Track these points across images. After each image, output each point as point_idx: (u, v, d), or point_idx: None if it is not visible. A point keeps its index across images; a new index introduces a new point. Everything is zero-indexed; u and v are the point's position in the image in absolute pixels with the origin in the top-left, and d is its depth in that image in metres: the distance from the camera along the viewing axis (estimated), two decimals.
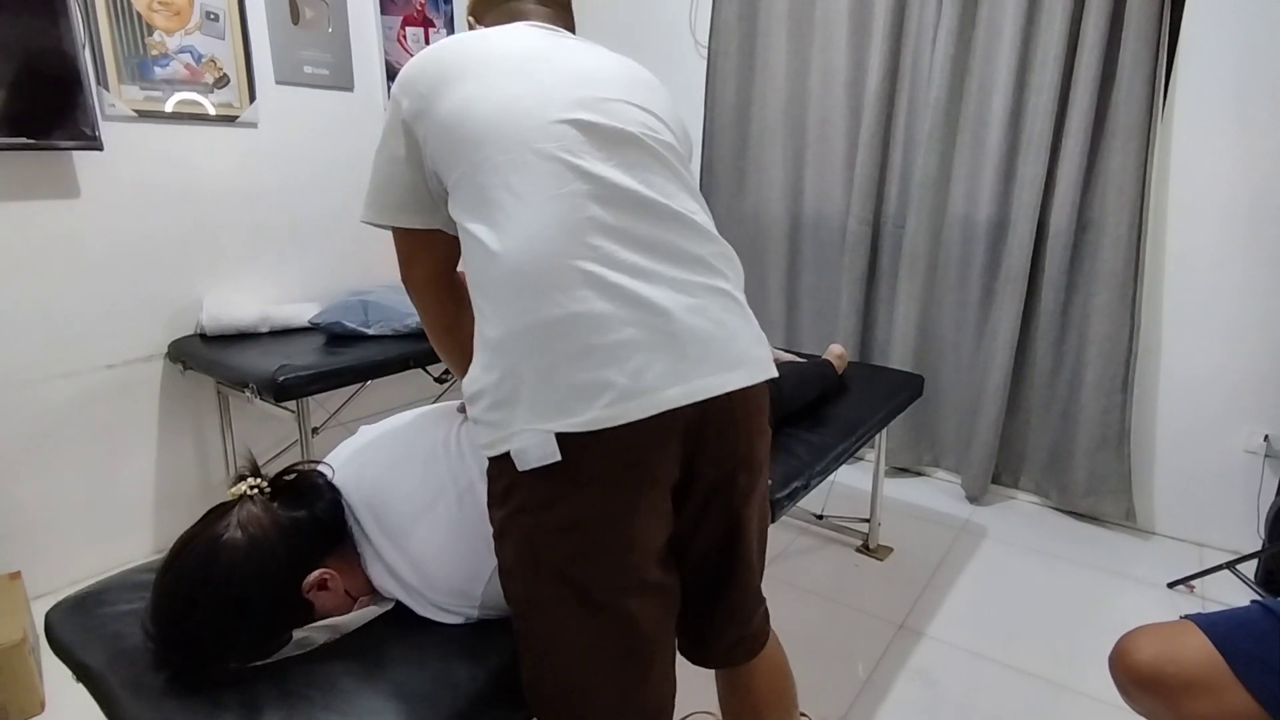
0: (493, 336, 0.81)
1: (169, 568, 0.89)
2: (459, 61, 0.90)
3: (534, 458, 0.77)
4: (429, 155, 0.90)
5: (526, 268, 0.80)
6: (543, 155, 0.83)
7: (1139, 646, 1.00)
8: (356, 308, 2.22)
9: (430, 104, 0.89)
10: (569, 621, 0.83)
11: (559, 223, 0.81)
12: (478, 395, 0.82)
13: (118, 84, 1.96)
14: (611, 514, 0.82)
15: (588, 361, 0.78)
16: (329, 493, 0.98)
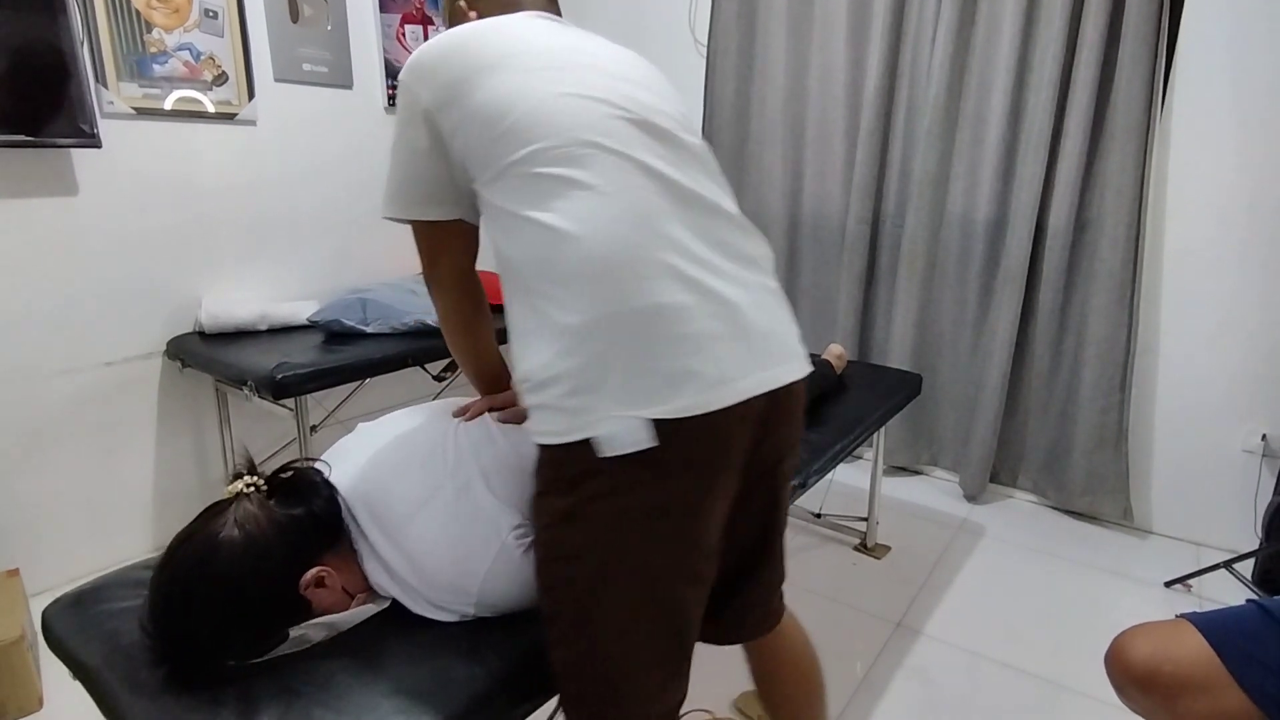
0: (573, 323, 0.80)
1: (166, 565, 0.89)
2: (486, 51, 0.89)
3: (625, 443, 0.78)
4: (459, 145, 0.89)
5: (610, 256, 0.80)
6: (603, 149, 0.84)
7: (1135, 645, 1.00)
8: (355, 306, 2.22)
9: (460, 94, 0.88)
10: (631, 607, 0.84)
11: (635, 214, 0.82)
12: (550, 381, 0.80)
13: (116, 81, 1.96)
14: (693, 500, 0.84)
15: (677, 350, 0.80)
16: (325, 490, 0.98)
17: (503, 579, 0.94)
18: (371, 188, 2.64)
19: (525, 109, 0.85)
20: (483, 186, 0.90)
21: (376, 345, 2.12)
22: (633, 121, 0.87)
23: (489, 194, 0.89)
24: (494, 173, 0.87)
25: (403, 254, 2.77)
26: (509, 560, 0.94)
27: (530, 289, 0.83)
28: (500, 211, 0.87)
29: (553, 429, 0.81)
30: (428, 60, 0.91)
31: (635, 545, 0.83)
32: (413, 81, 0.91)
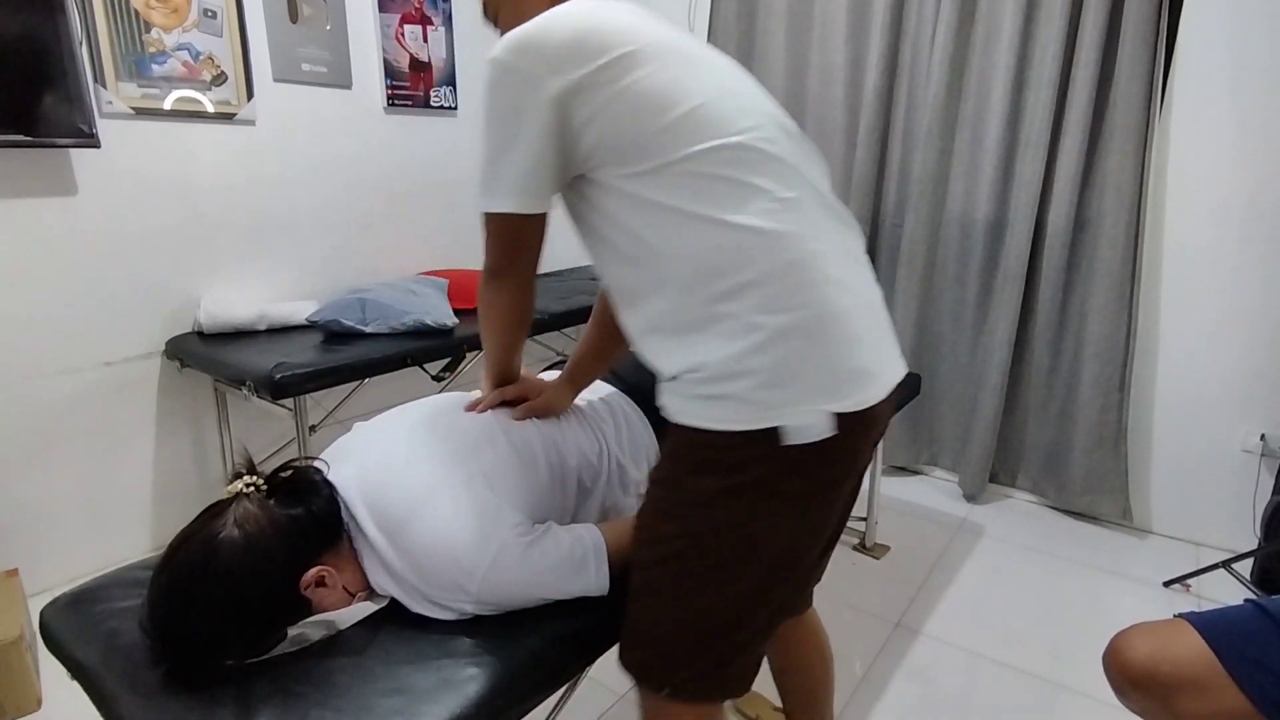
0: (771, 322, 0.84)
1: (166, 566, 0.89)
2: (628, 35, 0.85)
3: (811, 434, 0.84)
4: (595, 132, 0.85)
5: (800, 261, 0.85)
6: (770, 155, 0.88)
7: (1133, 645, 1.00)
8: (354, 305, 2.22)
9: (606, 78, 0.84)
10: (773, 575, 0.92)
11: (808, 220, 0.88)
12: (740, 374, 0.84)
13: (115, 81, 1.96)
14: (841, 483, 0.92)
15: (851, 350, 0.87)
16: (325, 489, 0.98)
17: (503, 577, 0.94)
18: (370, 187, 2.64)
19: (697, 103, 0.86)
20: (626, 178, 0.86)
21: (375, 345, 2.12)
22: (782, 127, 0.92)
23: (636, 186, 0.86)
24: (654, 165, 0.85)
25: (402, 254, 2.77)
26: (509, 558, 0.94)
27: (703, 285, 0.85)
28: (654, 206, 0.85)
29: (737, 417, 0.85)
30: (555, 41, 0.84)
31: (790, 521, 0.90)
32: (532, 64, 0.84)
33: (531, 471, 1.03)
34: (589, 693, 1.63)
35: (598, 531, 1.03)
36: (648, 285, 0.89)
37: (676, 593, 0.92)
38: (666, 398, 0.92)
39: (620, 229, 0.89)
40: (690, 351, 0.87)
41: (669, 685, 0.95)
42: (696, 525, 0.90)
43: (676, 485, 0.92)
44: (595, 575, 1.00)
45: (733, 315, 0.84)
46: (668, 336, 0.89)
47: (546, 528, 0.99)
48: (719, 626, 0.92)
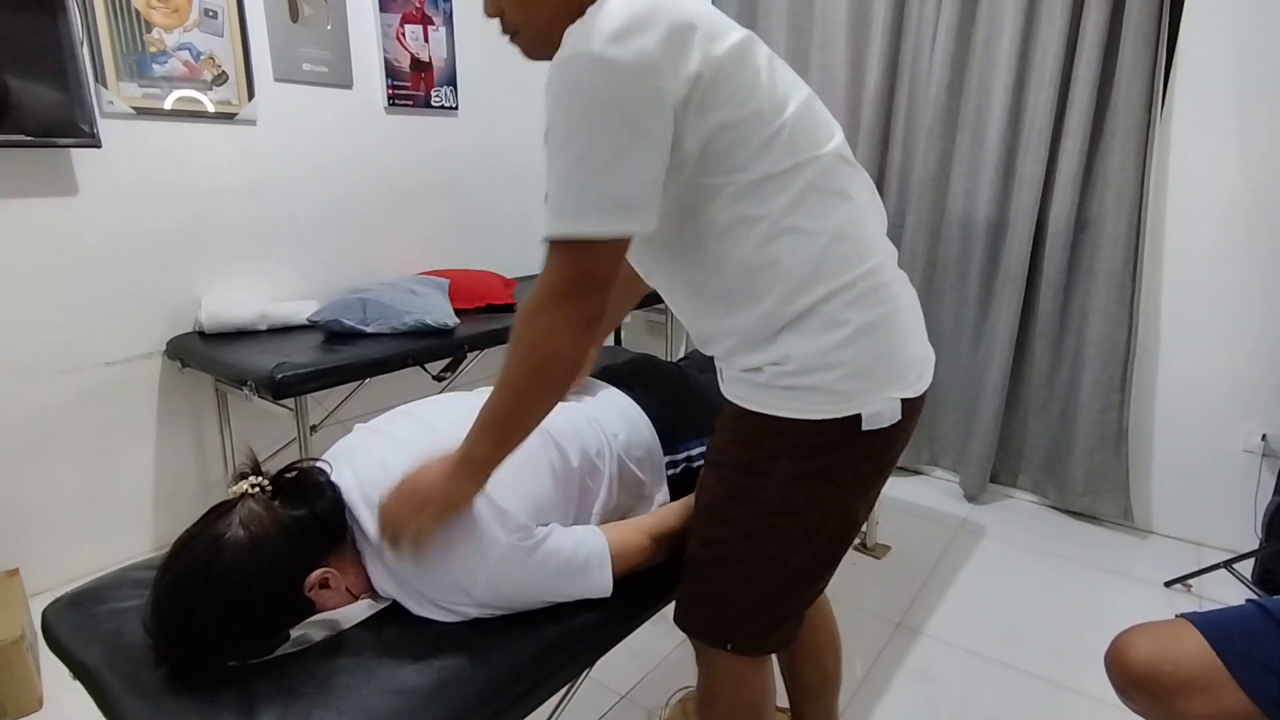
0: (859, 319, 0.90)
1: (170, 566, 0.89)
2: (713, 29, 0.81)
3: (886, 419, 0.93)
4: (704, 136, 0.82)
5: (879, 264, 0.94)
6: (848, 161, 0.95)
7: (1134, 645, 1.00)
8: (355, 305, 2.22)
9: (719, 80, 0.80)
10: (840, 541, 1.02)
11: (876, 226, 0.99)
12: (829, 366, 0.90)
13: (116, 81, 1.95)
14: (894, 462, 1.03)
15: (913, 341, 0.99)
16: (329, 490, 0.98)
17: (505, 580, 0.94)
18: (371, 187, 2.64)
19: (793, 110, 0.87)
20: (727, 187, 0.84)
21: (376, 345, 2.12)
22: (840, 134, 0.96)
23: (736, 194, 0.85)
24: (759, 175, 0.84)
25: (403, 254, 2.77)
26: (512, 562, 0.94)
27: (800, 293, 0.89)
28: (754, 217, 0.86)
29: (823, 407, 0.91)
30: (660, 34, 0.77)
31: (856, 496, 1.00)
32: (637, 60, 0.75)
33: (533, 473, 1.03)
34: (590, 693, 1.63)
35: (600, 534, 1.03)
36: (739, 293, 0.91)
37: (752, 566, 0.99)
38: (743, 388, 0.96)
39: (715, 237, 0.88)
40: (777, 347, 0.91)
41: (732, 641, 1.02)
42: (774, 506, 0.96)
43: (754, 470, 0.96)
44: (599, 577, 1.00)
45: (821, 314, 0.90)
46: (756, 338, 0.93)
47: (549, 531, 0.99)
48: (784, 593, 1.01)
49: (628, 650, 1.12)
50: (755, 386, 0.94)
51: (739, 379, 0.96)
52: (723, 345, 0.97)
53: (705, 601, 1.03)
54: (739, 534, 0.98)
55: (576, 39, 0.77)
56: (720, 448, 1.01)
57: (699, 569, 1.03)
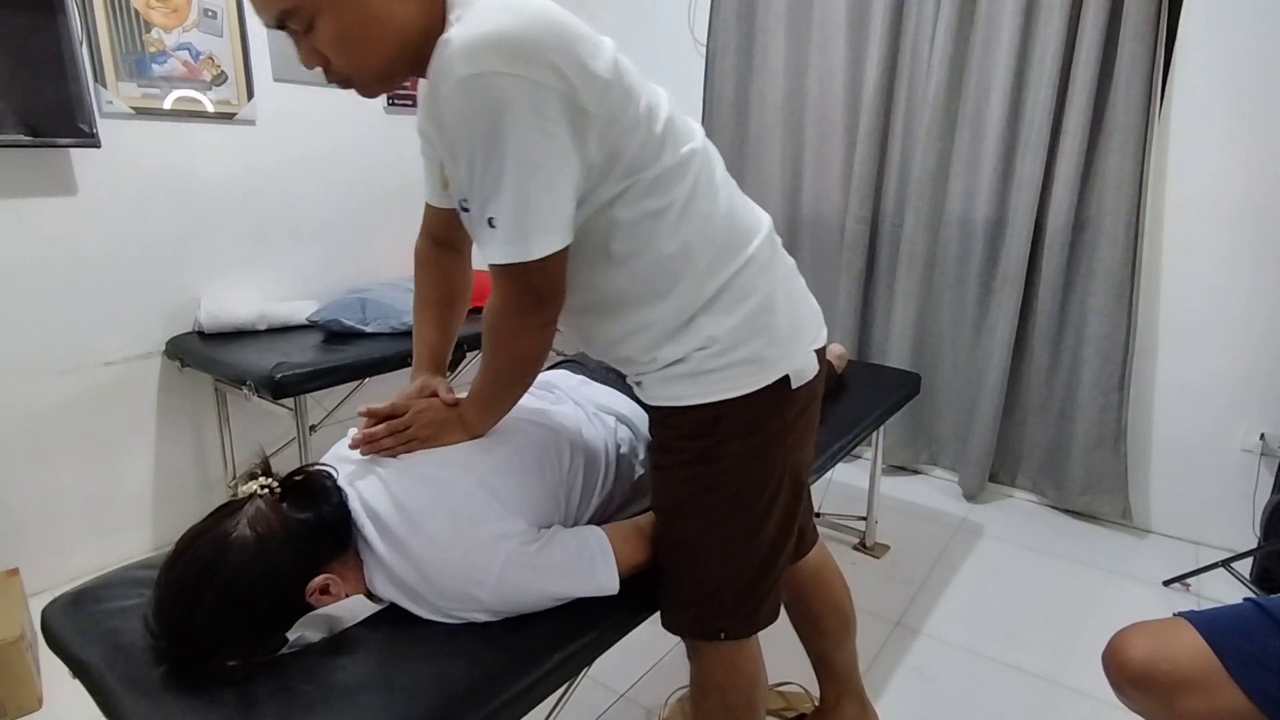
0: (766, 286, 0.96)
1: (175, 562, 0.89)
2: (592, 40, 0.82)
3: (809, 373, 0.99)
4: (610, 139, 0.83)
5: (767, 232, 1.00)
6: (715, 152, 1.00)
7: (1132, 644, 1.00)
8: (354, 305, 2.22)
9: (614, 80, 0.82)
10: (800, 495, 1.07)
11: (752, 201, 1.04)
12: (752, 336, 0.94)
13: (115, 81, 1.96)
14: (820, 407, 1.08)
15: (808, 295, 1.06)
16: (336, 496, 0.97)
17: (511, 583, 0.94)
18: (370, 187, 2.64)
19: (667, 106, 0.91)
20: (631, 188, 0.87)
21: (376, 345, 2.12)
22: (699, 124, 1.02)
23: (640, 193, 0.88)
24: (659, 171, 0.88)
25: (403, 254, 2.77)
26: (517, 566, 0.94)
27: (712, 273, 0.93)
28: (659, 211, 0.89)
29: (758, 377, 0.95)
30: (556, 35, 0.77)
31: (800, 452, 1.04)
32: (545, 73, 0.75)
33: (535, 475, 1.03)
34: (589, 692, 1.64)
35: (601, 533, 1.03)
36: (653, 286, 0.93)
37: (727, 552, 1.02)
38: (674, 386, 0.97)
39: (624, 237, 0.90)
40: (699, 331, 0.94)
41: (725, 629, 1.05)
42: (735, 487, 0.99)
43: (708, 459, 0.98)
44: (605, 575, 1.00)
45: (733, 288, 0.94)
46: (677, 325, 0.94)
47: (553, 532, 1.00)
48: (763, 566, 1.04)
49: (627, 649, 1.12)
50: (686, 379, 0.96)
51: (664, 378, 0.98)
52: (637, 344, 0.97)
53: (691, 599, 1.05)
54: (707, 525, 1.01)
55: (467, 56, 0.74)
56: (665, 448, 1.02)
57: (677, 571, 1.05)
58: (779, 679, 1.64)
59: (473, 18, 0.76)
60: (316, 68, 0.86)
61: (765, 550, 1.03)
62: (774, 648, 1.16)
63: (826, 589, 1.38)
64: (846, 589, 1.41)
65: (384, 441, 1.01)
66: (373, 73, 0.86)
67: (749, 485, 1.00)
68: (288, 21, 0.82)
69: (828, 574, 1.38)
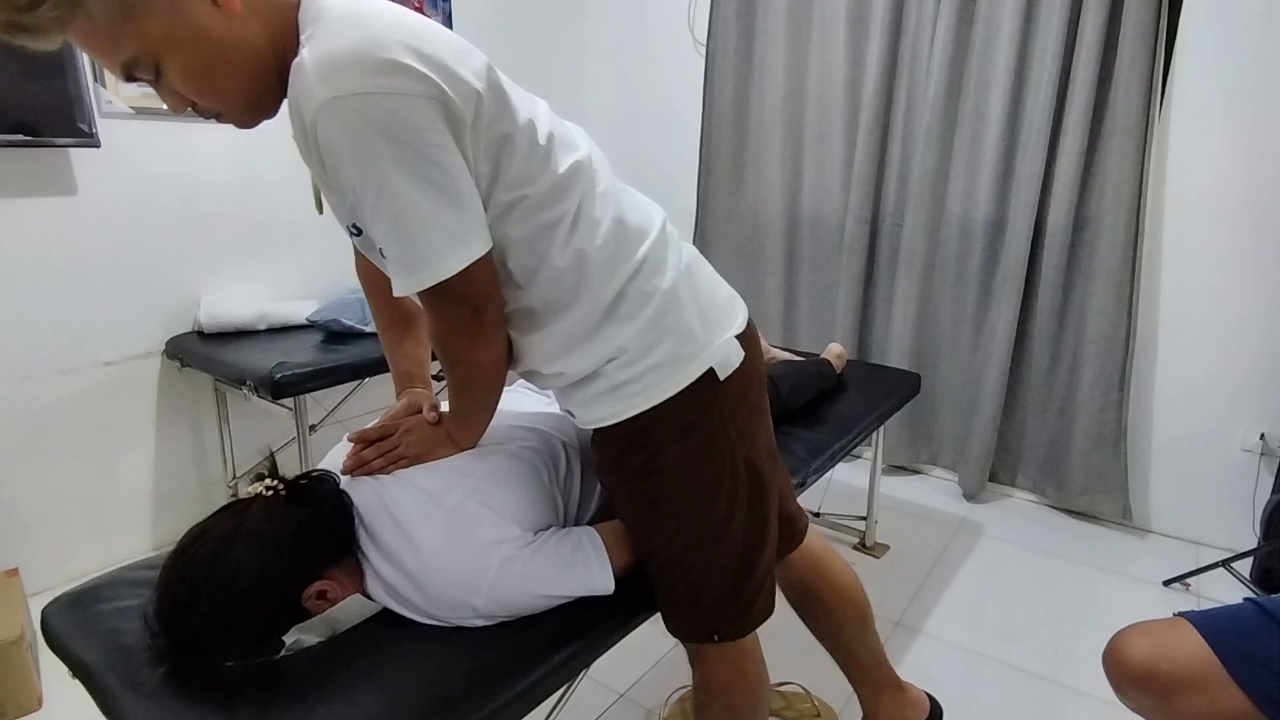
0: (664, 284, 0.93)
1: (176, 561, 0.89)
2: (458, 50, 0.80)
3: (734, 361, 0.96)
4: (492, 155, 0.83)
5: (663, 231, 0.98)
6: (601, 161, 0.98)
7: (1132, 644, 1.00)
8: (354, 305, 2.22)
9: (495, 95, 0.81)
10: (754, 501, 1.01)
11: (645, 201, 1.02)
12: (660, 339, 0.92)
13: (115, 81, 1.95)
14: (763, 388, 1.04)
15: (716, 284, 1.03)
16: (340, 500, 0.97)
17: (506, 588, 0.94)
18: None
19: (549, 117, 0.91)
20: (518, 200, 0.85)
21: (375, 345, 2.09)
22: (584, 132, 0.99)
23: (529, 206, 0.86)
24: (549, 184, 0.87)
25: None
26: (511, 571, 0.94)
27: (607, 277, 0.91)
28: (550, 223, 0.87)
29: (677, 377, 0.92)
30: (413, 40, 0.75)
31: (752, 443, 1.00)
32: (415, 85, 0.74)
33: (529, 479, 1.03)
34: (588, 692, 1.64)
35: (595, 533, 1.03)
36: (554, 298, 0.90)
37: (699, 556, 1.00)
38: (598, 406, 0.95)
39: (520, 253, 0.88)
40: (606, 342, 0.92)
41: (717, 631, 1.04)
42: (683, 493, 0.97)
43: (646, 472, 0.96)
44: (600, 575, 1.00)
45: (631, 293, 0.92)
46: (581, 339, 0.92)
47: (547, 535, 1.00)
48: (743, 565, 1.02)
49: (626, 649, 1.12)
50: (606, 397, 0.94)
51: (586, 401, 0.96)
52: (552, 362, 0.95)
53: (679, 605, 1.04)
54: (669, 535, 0.99)
55: (324, 78, 0.72)
56: (606, 468, 1.01)
57: (659, 580, 1.04)
58: (779, 679, 1.64)
59: (321, 36, 0.74)
60: (185, 109, 0.83)
61: (740, 549, 1.01)
62: (774, 648, 1.15)
63: (832, 577, 1.35)
64: (852, 574, 1.38)
65: (374, 464, 1.01)
66: (236, 102, 0.83)
67: (698, 489, 0.97)
68: (135, 72, 0.79)
69: (829, 561, 1.35)
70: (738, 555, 1.01)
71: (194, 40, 0.76)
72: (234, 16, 0.76)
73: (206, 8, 0.75)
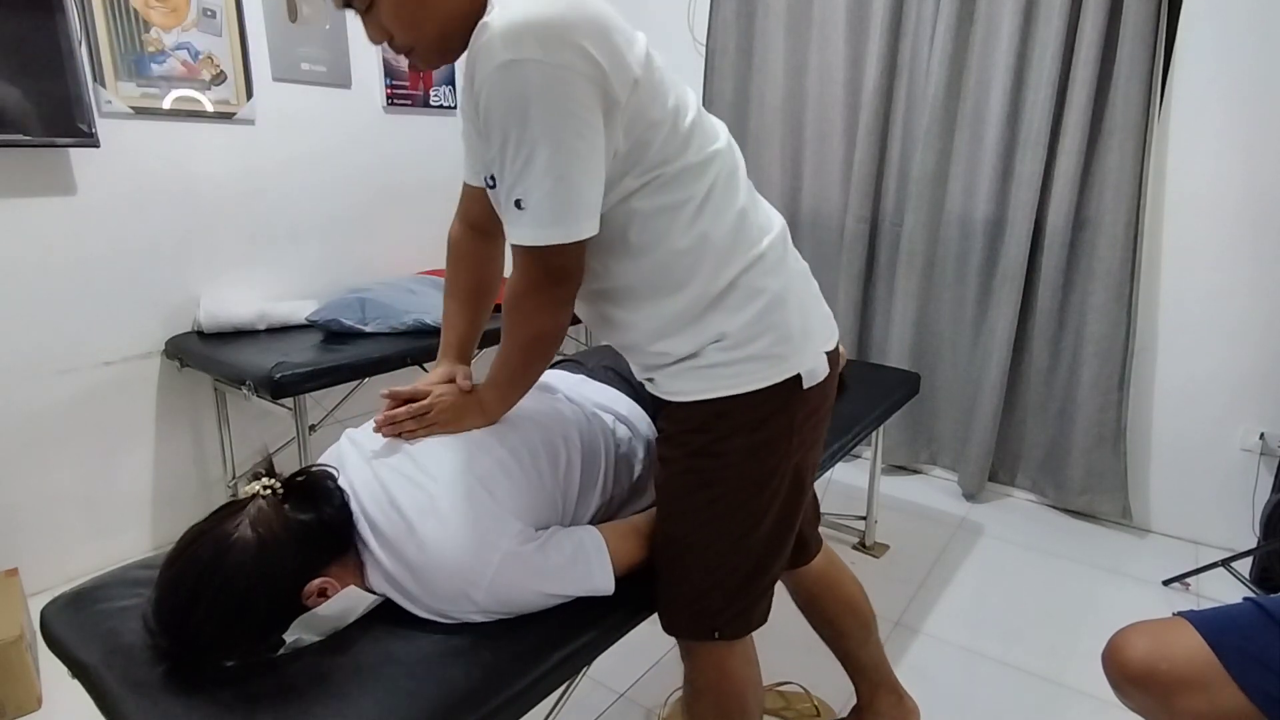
0: (776, 286, 0.97)
1: (175, 560, 0.89)
2: (626, 33, 0.87)
3: (819, 374, 1.00)
4: (636, 132, 0.86)
5: (781, 233, 1.01)
6: (739, 157, 1.02)
7: (1132, 643, 1.00)
8: (354, 305, 2.22)
9: (647, 71, 0.85)
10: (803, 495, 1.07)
11: (767, 203, 1.05)
12: (761, 333, 0.95)
13: (114, 80, 1.95)
14: (831, 411, 1.08)
15: (819, 299, 1.07)
16: (339, 498, 0.97)
17: (506, 584, 0.94)
18: (370, 186, 2.64)
19: (696, 106, 0.94)
20: (654, 180, 0.89)
21: (375, 345, 2.12)
22: (725, 128, 1.01)
23: (661, 186, 0.90)
24: (681, 166, 0.90)
25: (402, 254, 2.77)
26: (512, 566, 0.94)
27: (724, 265, 0.94)
28: (678, 204, 0.91)
29: (767, 373, 0.96)
30: (592, 35, 0.79)
31: (805, 455, 1.04)
32: (582, 62, 0.78)
33: (530, 475, 1.02)
34: (588, 691, 1.64)
35: (597, 532, 1.03)
36: (668, 277, 0.94)
37: (721, 550, 1.02)
38: (684, 380, 0.98)
39: (639, 228, 0.92)
40: (709, 326, 0.95)
41: (718, 629, 1.05)
42: (733, 484, 0.99)
43: (709, 454, 0.99)
44: (600, 575, 1.00)
45: (742, 286, 0.95)
46: (688, 319, 0.95)
47: (549, 533, 1.00)
48: (758, 567, 1.04)
49: (626, 649, 1.12)
50: (696, 373, 0.97)
51: (676, 373, 0.99)
52: (648, 335, 0.99)
53: (685, 598, 1.05)
54: (702, 522, 1.01)
55: (506, 41, 0.77)
56: (670, 440, 1.03)
57: (670, 569, 1.05)
58: (779, 679, 1.64)
59: (511, 3, 0.79)
60: (383, 41, 0.91)
61: (759, 550, 1.03)
62: (774, 648, 1.16)
63: (837, 589, 1.39)
64: (858, 585, 1.42)
65: (406, 424, 1.03)
66: (429, 45, 0.90)
67: (749, 483, 1.00)
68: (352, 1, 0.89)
69: (836, 574, 1.39)
70: (755, 557, 1.03)
71: None
72: None
73: None
